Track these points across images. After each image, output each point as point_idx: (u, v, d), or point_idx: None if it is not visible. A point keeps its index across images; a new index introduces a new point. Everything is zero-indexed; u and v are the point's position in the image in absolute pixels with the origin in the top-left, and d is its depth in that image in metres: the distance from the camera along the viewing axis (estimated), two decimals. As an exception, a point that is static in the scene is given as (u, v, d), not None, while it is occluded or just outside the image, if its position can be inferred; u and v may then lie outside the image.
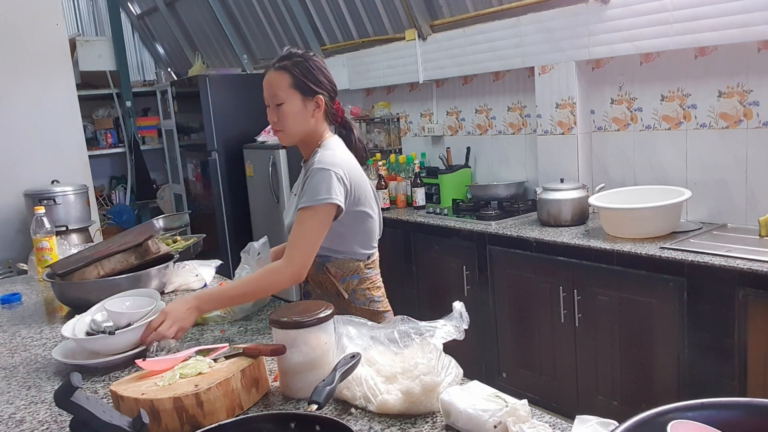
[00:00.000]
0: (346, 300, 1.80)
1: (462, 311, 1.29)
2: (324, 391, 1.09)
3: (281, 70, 1.72)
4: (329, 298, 1.77)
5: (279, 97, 1.72)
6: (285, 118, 1.73)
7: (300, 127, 1.75)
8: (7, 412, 1.33)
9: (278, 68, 1.73)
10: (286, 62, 1.73)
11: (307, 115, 1.75)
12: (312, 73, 1.74)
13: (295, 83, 1.72)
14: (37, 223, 2.47)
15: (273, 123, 1.76)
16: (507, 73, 3.67)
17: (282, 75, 1.72)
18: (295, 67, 1.73)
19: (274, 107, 1.73)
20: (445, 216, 3.46)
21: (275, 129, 1.77)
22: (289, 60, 1.73)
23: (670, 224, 2.62)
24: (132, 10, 6.83)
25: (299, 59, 1.74)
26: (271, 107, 1.75)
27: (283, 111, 1.72)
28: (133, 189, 6.19)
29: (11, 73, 3.54)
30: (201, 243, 2.53)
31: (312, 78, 1.74)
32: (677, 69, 2.87)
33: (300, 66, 1.73)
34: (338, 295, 1.79)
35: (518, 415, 1.07)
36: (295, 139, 1.78)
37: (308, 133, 1.78)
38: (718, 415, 0.86)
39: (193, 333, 1.76)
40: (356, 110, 4.64)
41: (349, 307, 1.79)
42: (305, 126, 1.76)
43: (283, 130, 1.75)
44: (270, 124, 1.79)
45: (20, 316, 2.09)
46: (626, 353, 2.56)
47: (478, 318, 3.15)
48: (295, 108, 1.73)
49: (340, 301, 1.79)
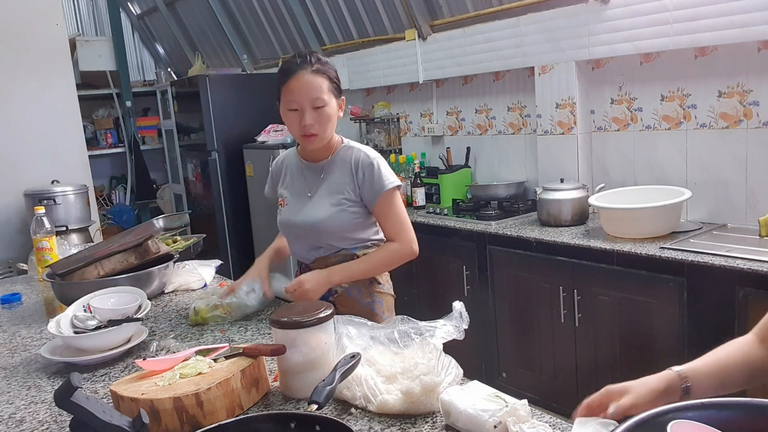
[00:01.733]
0: (380, 284, 1.92)
1: (462, 311, 1.29)
2: (324, 391, 1.09)
3: (319, 74, 1.75)
4: (359, 288, 1.87)
5: (322, 99, 1.74)
6: (326, 121, 1.77)
7: (334, 129, 1.82)
8: (7, 412, 1.33)
9: (315, 72, 1.75)
10: (318, 66, 1.76)
11: (336, 118, 1.81)
12: (338, 76, 1.81)
13: (331, 86, 1.77)
14: (37, 223, 2.47)
15: (308, 126, 1.74)
16: (507, 73, 3.67)
17: (321, 78, 1.75)
18: (329, 71, 1.78)
19: (312, 110, 1.74)
20: (445, 216, 3.46)
21: (310, 133, 1.76)
22: (320, 64, 1.76)
23: (670, 224, 2.62)
24: (132, 10, 6.83)
25: (326, 62, 1.79)
26: (305, 110, 1.74)
27: (326, 113, 1.76)
28: (133, 189, 6.19)
29: (11, 73, 3.54)
30: (201, 243, 2.53)
31: (338, 80, 1.81)
32: (677, 69, 2.87)
33: (332, 70, 1.79)
34: (371, 283, 1.89)
35: (518, 415, 1.07)
36: (325, 141, 1.82)
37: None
38: (718, 415, 0.86)
39: (193, 333, 1.76)
40: (356, 110, 4.65)
41: (378, 293, 1.91)
42: (334, 127, 1.83)
43: (320, 133, 1.77)
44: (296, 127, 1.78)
45: (20, 316, 2.09)
46: (626, 353, 2.56)
47: (478, 318, 3.14)
48: (333, 111, 1.78)
49: (373, 287, 1.89)
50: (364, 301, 1.87)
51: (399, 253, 1.84)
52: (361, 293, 1.88)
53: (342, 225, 1.82)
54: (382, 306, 1.90)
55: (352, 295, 1.86)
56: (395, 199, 1.83)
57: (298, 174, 1.92)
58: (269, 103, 2.08)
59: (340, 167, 1.84)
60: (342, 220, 1.81)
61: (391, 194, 1.81)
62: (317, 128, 1.75)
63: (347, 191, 1.82)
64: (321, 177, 1.86)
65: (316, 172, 1.87)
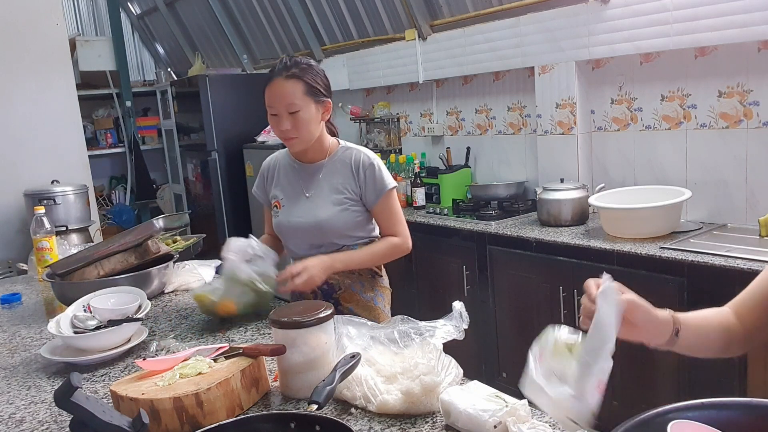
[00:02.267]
0: (381, 277, 1.99)
1: (462, 311, 1.29)
2: (324, 391, 1.09)
3: (293, 78, 1.76)
4: (362, 282, 1.93)
5: (295, 105, 1.76)
6: (302, 125, 1.78)
7: (314, 132, 1.83)
8: (7, 412, 1.33)
9: (289, 77, 1.76)
10: (294, 70, 1.77)
11: (318, 120, 1.83)
12: (320, 78, 1.82)
13: (308, 90, 1.78)
14: (37, 223, 2.47)
15: (285, 131, 1.79)
16: (507, 73, 3.66)
17: (295, 83, 1.76)
18: (306, 74, 1.78)
19: (287, 115, 1.77)
20: (445, 216, 3.46)
21: (289, 137, 1.80)
22: (297, 68, 1.77)
23: (670, 224, 2.62)
24: (132, 10, 6.83)
25: (305, 66, 1.79)
26: (282, 115, 1.77)
27: (300, 118, 1.77)
28: (133, 189, 6.19)
29: (11, 73, 3.54)
30: (201, 243, 2.54)
31: (321, 84, 1.82)
32: (677, 69, 2.87)
33: (310, 73, 1.79)
34: (373, 276, 1.96)
35: (518, 415, 1.07)
36: (309, 142, 1.84)
37: (320, 134, 1.87)
38: (718, 415, 0.86)
39: (193, 333, 1.76)
40: (356, 110, 4.64)
41: (380, 287, 1.97)
42: (317, 131, 1.84)
43: (299, 137, 1.80)
44: (277, 131, 1.83)
45: (20, 316, 2.09)
46: (626, 353, 2.54)
47: (478, 318, 3.14)
48: (310, 114, 1.79)
49: (375, 282, 1.96)
50: (367, 295, 1.93)
51: (399, 248, 1.92)
52: (364, 287, 1.93)
53: (345, 223, 1.88)
54: (384, 300, 1.98)
55: (355, 290, 1.92)
56: (394, 198, 1.92)
57: (293, 175, 1.94)
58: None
59: (340, 168, 1.88)
60: (344, 219, 1.87)
61: (391, 194, 1.90)
62: (294, 132, 1.79)
63: (348, 191, 1.88)
64: (320, 177, 1.89)
65: (312, 173, 1.90)
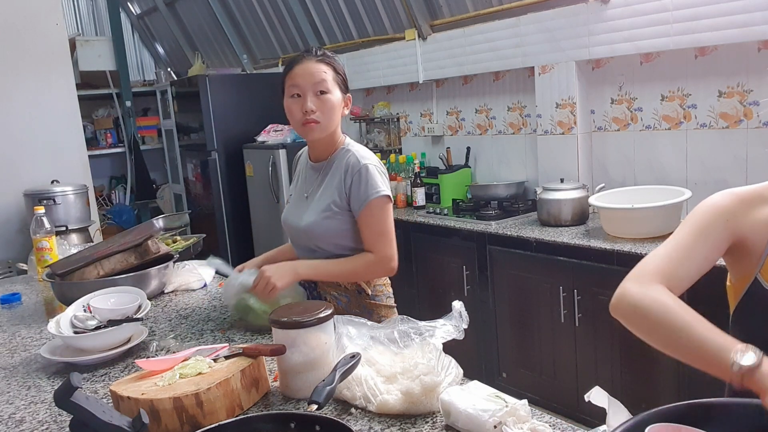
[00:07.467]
0: (369, 296, 1.81)
1: (461, 311, 1.29)
2: (324, 391, 1.09)
3: (323, 62, 1.72)
4: (348, 297, 1.79)
5: (326, 84, 1.69)
6: (327, 109, 1.70)
7: (336, 120, 1.75)
8: (7, 412, 1.33)
9: (320, 60, 1.72)
10: (324, 57, 1.73)
11: (340, 111, 1.75)
12: (344, 73, 1.78)
13: (336, 77, 1.73)
14: (37, 223, 2.47)
15: (309, 112, 1.68)
16: (507, 73, 3.66)
17: (326, 66, 1.71)
18: (335, 63, 1.75)
19: (315, 95, 1.69)
20: (445, 216, 3.46)
21: (311, 120, 1.69)
22: (326, 56, 1.74)
23: (670, 224, 2.61)
24: (132, 10, 6.83)
25: (333, 56, 1.76)
26: (309, 95, 1.68)
27: (328, 100, 1.70)
28: (133, 189, 6.19)
29: (11, 73, 3.54)
30: (201, 243, 2.53)
31: (345, 77, 1.77)
32: (677, 69, 2.87)
33: (337, 63, 1.75)
34: (359, 293, 1.80)
35: (518, 415, 1.07)
36: (327, 133, 1.75)
37: (335, 129, 1.77)
38: None
39: (193, 333, 1.76)
40: (356, 110, 4.64)
41: (368, 304, 1.81)
42: (338, 121, 1.76)
43: (322, 121, 1.70)
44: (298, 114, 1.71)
45: (20, 316, 2.09)
46: (626, 353, 2.55)
47: (478, 318, 3.14)
48: (338, 101, 1.73)
49: (361, 298, 1.80)
50: (352, 312, 1.76)
51: (372, 266, 1.72)
52: (350, 303, 1.80)
53: (327, 230, 1.74)
54: (372, 317, 1.77)
55: (341, 303, 1.80)
56: (379, 209, 1.70)
57: (306, 173, 1.88)
58: (269, 103, 2.07)
59: (335, 170, 1.77)
60: (327, 226, 1.74)
61: (376, 204, 1.69)
62: (319, 115, 1.68)
63: (336, 196, 1.74)
64: (319, 178, 1.82)
65: (315, 173, 1.83)
